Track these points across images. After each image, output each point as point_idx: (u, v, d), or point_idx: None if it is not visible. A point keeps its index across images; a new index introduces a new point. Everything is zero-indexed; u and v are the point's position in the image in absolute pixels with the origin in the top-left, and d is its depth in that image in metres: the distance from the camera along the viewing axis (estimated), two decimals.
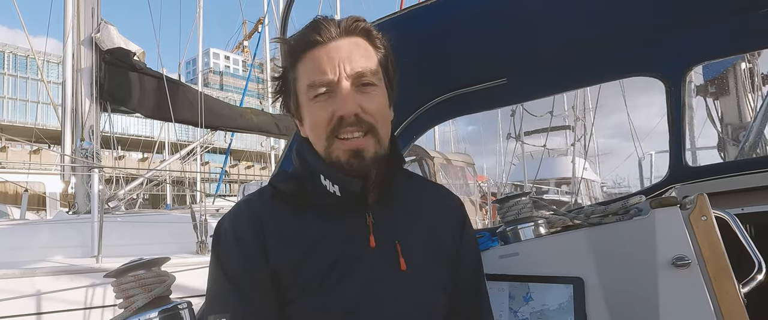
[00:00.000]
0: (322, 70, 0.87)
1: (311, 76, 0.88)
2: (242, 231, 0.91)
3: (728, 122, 4.78)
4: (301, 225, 0.91)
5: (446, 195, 1.09)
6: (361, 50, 0.90)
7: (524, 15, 1.47)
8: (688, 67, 1.77)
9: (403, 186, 0.99)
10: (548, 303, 1.34)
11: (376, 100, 0.90)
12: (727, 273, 1.12)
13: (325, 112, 0.88)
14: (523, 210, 1.52)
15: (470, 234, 1.07)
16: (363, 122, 0.87)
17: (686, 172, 1.82)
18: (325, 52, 0.88)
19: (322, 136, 0.90)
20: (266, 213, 0.92)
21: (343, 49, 0.88)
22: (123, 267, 1.09)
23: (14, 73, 31.83)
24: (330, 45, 0.88)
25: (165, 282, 1.12)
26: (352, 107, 0.86)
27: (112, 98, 5.73)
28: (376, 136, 0.90)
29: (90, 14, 5.69)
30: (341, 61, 0.87)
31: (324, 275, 0.88)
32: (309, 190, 0.92)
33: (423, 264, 0.94)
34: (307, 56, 0.90)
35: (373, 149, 0.89)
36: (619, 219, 1.40)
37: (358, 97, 0.87)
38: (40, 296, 3.79)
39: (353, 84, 0.88)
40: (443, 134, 26.44)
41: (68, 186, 5.69)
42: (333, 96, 0.87)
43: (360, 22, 0.92)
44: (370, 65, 0.90)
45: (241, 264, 0.89)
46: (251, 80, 19.42)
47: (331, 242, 0.90)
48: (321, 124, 0.89)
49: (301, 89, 0.92)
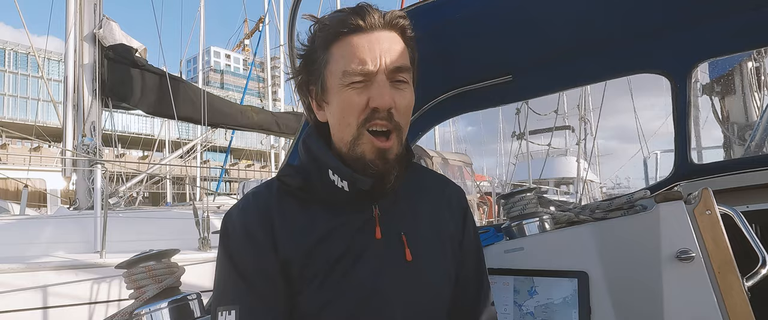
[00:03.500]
0: (362, 59, 0.85)
1: (349, 63, 0.86)
2: (252, 224, 0.90)
3: (734, 121, 4.77)
4: (308, 219, 0.91)
5: (447, 185, 1.09)
6: (399, 46, 0.89)
7: (530, 11, 1.48)
8: (693, 64, 1.77)
9: (409, 179, 0.99)
10: (553, 297, 1.35)
11: (407, 97, 0.90)
12: (731, 267, 1.13)
13: (361, 98, 0.86)
14: (529, 205, 1.53)
15: (471, 224, 1.07)
16: (392, 118, 0.87)
17: (691, 169, 1.83)
18: (366, 41, 0.86)
19: (352, 124, 0.88)
20: (275, 207, 0.92)
21: (385, 41, 0.87)
22: (134, 258, 1.10)
23: (15, 70, 31.79)
24: (372, 34, 0.87)
25: (175, 274, 1.13)
26: (388, 100, 0.85)
27: (113, 94, 5.73)
28: (400, 137, 0.90)
29: (92, 10, 5.70)
30: (382, 54, 0.86)
31: (331, 267, 0.88)
32: (316, 185, 0.92)
33: (428, 255, 0.96)
34: (345, 41, 0.87)
35: (396, 150, 0.90)
36: (624, 213, 1.41)
37: (392, 92, 0.87)
38: (45, 291, 3.80)
39: (389, 78, 0.87)
40: (443, 134, 26.46)
41: (70, 182, 5.69)
42: (368, 87, 0.86)
43: (402, 18, 0.90)
44: (406, 62, 0.89)
45: (250, 257, 0.89)
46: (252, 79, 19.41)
47: (339, 235, 0.90)
48: (354, 111, 0.87)
49: (334, 73, 0.89)
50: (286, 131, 7.44)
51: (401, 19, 0.90)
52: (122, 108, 6.20)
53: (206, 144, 8.60)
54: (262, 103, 18.32)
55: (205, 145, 8.72)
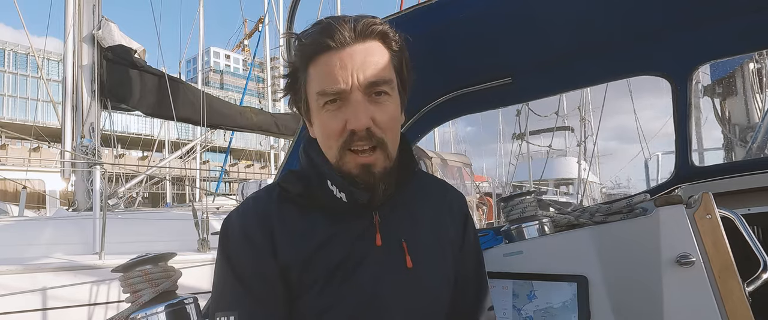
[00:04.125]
0: (334, 79, 0.84)
1: (322, 84, 0.85)
2: (251, 228, 0.90)
3: (736, 122, 4.76)
4: (309, 225, 0.91)
5: (448, 190, 1.09)
6: (375, 57, 0.86)
7: (530, 13, 1.47)
8: (694, 67, 1.76)
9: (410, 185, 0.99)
10: (552, 301, 1.35)
11: (388, 110, 0.87)
12: (732, 272, 1.12)
13: (337, 122, 0.85)
14: (528, 208, 1.52)
15: (472, 230, 1.07)
16: (374, 136, 0.85)
17: (692, 172, 1.82)
18: (338, 59, 0.84)
19: (333, 147, 0.88)
20: (275, 213, 0.91)
21: (357, 56, 0.84)
22: (130, 261, 1.10)
23: (14, 70, 31.77)
24: (344, 51, 0.84)
25: (172, 277, 1.13)
26: (364, 121, 0.84)
27: (112, 95, 5.72)
28: (385, 151, 0.88)
29: (91, 11, 5.69)
30: (354, 70, 0.83)
31: (331, 273, 0.88)
32: (316, 191, 0.92)
33: (428, 262, 0.95)
34: (318, 60, 0.86)
35: (381, 164, 0.88)
36: (624, 217, 1.41)
37: (370, 108, 0.85)
38: (44, 292, 3.80)
39: (365, 94, 0.85)
40: (443, 135, 26.43)
41: (69, 184, 5.68)
42: (344, 106, 0.85)
43: (376, 25, 0.87)
44: (384, 73, 0.86)
45: (250, 262, 0.89)
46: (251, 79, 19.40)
47: (339, 241, 0.90)
48: (332, 135, 0.87)
49: (311, 94, 0.89)
50: (285, 132, 7.44)
51: (378, 26, 0.87)
52: (121, 109, 6.19)
53: (206, 144, 8.60)
54: (261, 104, 18.31)
55: (205, 145, 8.72)
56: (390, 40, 0.89)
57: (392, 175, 0.91)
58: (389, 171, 0.90)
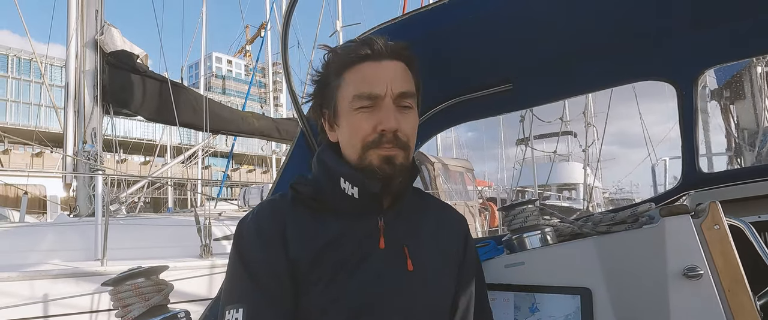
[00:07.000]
0: (371, 84, 0.95)
1: (360, 88, 0.96)
2: (265, 223, 0.97)
3: (744, 127, 4.72)
4: (318, 226, 0.97)
5: (451, 212, 1.17)
6: (405, 74, 0.99)
7: (530, 18, 1.44)
8: (700, 71, 1.72)
9: (413, 201, 1.08)
10: (555, 314, 1.31)
11: (412, 121, 0.99)
12: (742, 285, 1.08)
13: (368, 123, 0.95)
14: (530, 218, 1.48)
15: (472, 248, 1.14)
16: (399, 139, 0.95)
17: (700, 179, 1.78)
18: (376, 68, 0.97)
19: (358, 145, 0.97)
20: (288, 212, 0.98)
21: (392, 70, 0.97)
22: (120, 275, 1.07)
23: (18, 76, 31.94)
24: (381, 63, 0.97)
25: (163, 291, 1.10)
26: (394, 123, 0.94)
27: (114, 101, 5.73)
28: (406, 151, 0.98)
29: (93, 16, 5.70)
30: (389, 80, 0.96)
31: (335, 271, 0.93)
32: (327, 195, 0.99)
33: (429, 267, 1.01)
34: (357, 67, 0.98)
35: (402, 158, 0.97)
36: (629, 227, 1.37)
37: (398, 116, 0.96)
38: (45, 299, 3.78)
39: (395, 103, 0.96)
40: (445, 140, 26.45)
41: (70, 189, 5.68)
42: (377, 110, 0.95)
43: (405, 49, 1.01)
44: (411, 89, 0.99)
45: (261, 256, 0.94)
46: (253, 85, 19.43)
47: (345, 241, 0.96)
48: (361, 134, 0.96)
49: (345, 97, 0.98)
50: (287, 137, 7.45)
51: (406, 51, 1.01)
52: (123, 114, 6.20)
53: (207, 149, 8.60)
54: (263, 109, 18.33)
55: (207, 150, 8.72)
56: (414, 64, 1.03)
57: (406, 175, 0.99)
58: (405, 169, 0.99)
